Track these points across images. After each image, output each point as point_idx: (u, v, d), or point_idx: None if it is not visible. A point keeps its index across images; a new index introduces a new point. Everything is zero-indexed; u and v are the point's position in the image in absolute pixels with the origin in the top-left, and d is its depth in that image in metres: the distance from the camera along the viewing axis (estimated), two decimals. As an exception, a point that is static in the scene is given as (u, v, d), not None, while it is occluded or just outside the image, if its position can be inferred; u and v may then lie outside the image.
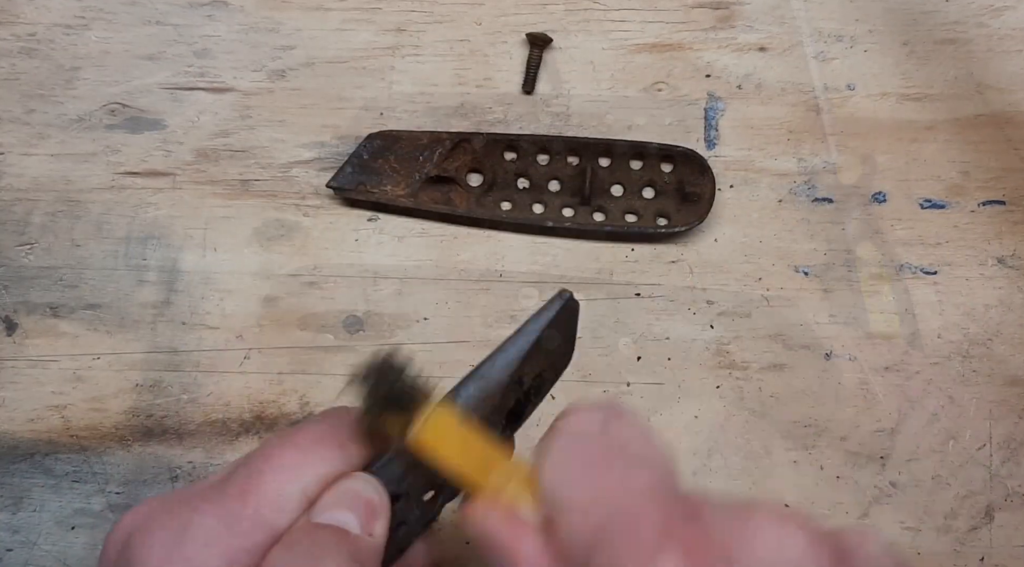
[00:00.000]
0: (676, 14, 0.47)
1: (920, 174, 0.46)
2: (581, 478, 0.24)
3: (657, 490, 0.23)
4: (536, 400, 0.30)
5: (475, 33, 0.47)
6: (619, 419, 0.25)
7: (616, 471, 0.24)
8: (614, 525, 0.22)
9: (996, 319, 0.45)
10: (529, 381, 0.29)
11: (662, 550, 0.21)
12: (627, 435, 0.25)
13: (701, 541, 0.21)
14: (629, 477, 0.23)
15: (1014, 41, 0.47)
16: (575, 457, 0.25)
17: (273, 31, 0.46)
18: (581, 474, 0.24)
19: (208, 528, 0.25)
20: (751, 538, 0.21)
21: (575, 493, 0.24)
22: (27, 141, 0.46)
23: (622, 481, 0.23)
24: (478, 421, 0.28)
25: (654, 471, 0.24)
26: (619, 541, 0.22)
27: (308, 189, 0.46)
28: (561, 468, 0.25)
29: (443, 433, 0.27)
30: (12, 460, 0.44)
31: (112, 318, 0.45)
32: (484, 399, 0.28)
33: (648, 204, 0.45)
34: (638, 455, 0.24)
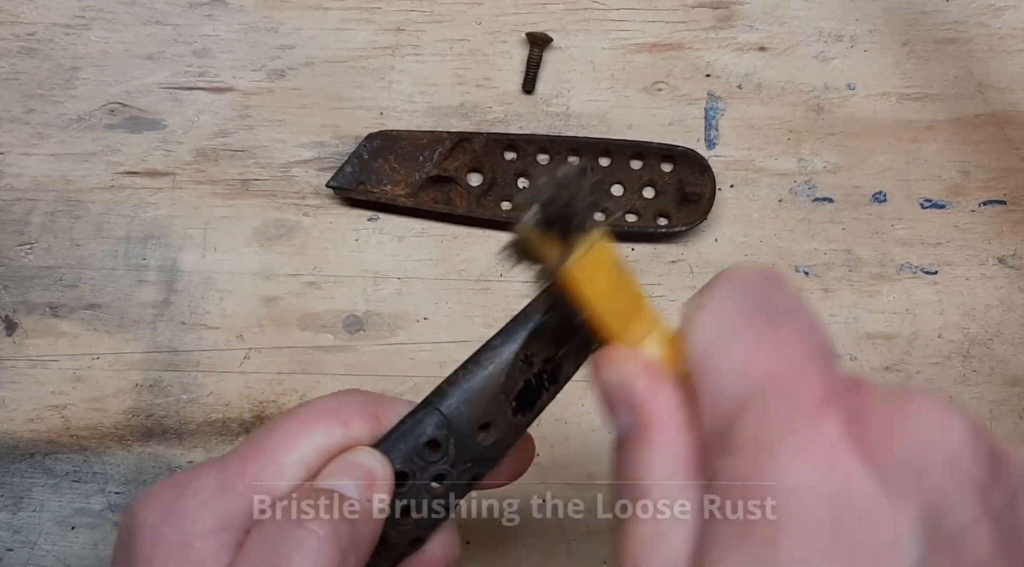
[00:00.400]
0: (676, 14, 0.47)
1: (920, 174, 0.46)
2: (736, 336, 0.22)
3: (817, 358, 0.21)
4: (552, 388, 0.29)
5: (475, 33, 0.47)
6: (781, 284, 0.23)
7: (775, 334, 0.21)
8: (770, 386, 0.20)
9: (996, 319, 0.45)
10: (540, 363, 0.28)
11: (823, 415, 0.20)
12: (789, 301, 0.22)
13: (862, 412, 0.20)
14: (789, 341, 0.21)
15: (1015, 41, 0.47)
16: (731, 314, 0.22)
17: (272, 31, 0.46)
18: (737, 332, 0.22)
19: (204, 489, 0.26)
20: (912, 417, 0.20)
21: (728, 350, 0.21)
22: (27, 141, 0.46)
23: (782, 344, 0.21)
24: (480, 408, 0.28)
25: (815, 340, 0.21)
26: (774, 402, 0.20)
27: (308, 189, 0.46)
28: (714, 324, 0.22)
29: (598, 266, 0.24)
30: (12, 460, 0.44)
31: (112, 318, 0.45)
32: (489, 377, 0.28)
33: (648, 204, 0.45)
34: (800, 322, 0.22)
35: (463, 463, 0.28)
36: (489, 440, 0.28)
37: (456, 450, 0.28)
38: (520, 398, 0.29)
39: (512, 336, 0.28)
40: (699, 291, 0.23)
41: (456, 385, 0.28)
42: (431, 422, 0.28)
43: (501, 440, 0.29)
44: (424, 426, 0.28)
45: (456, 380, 0.28)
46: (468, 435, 0.28)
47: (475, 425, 0.28)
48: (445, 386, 0.28)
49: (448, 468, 0.28)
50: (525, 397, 0.29)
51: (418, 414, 0.28)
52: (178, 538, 0.25)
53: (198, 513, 0.25)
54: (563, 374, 0.29)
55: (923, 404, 0.20)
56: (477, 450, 0.28)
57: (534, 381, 0.29)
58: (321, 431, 0.27)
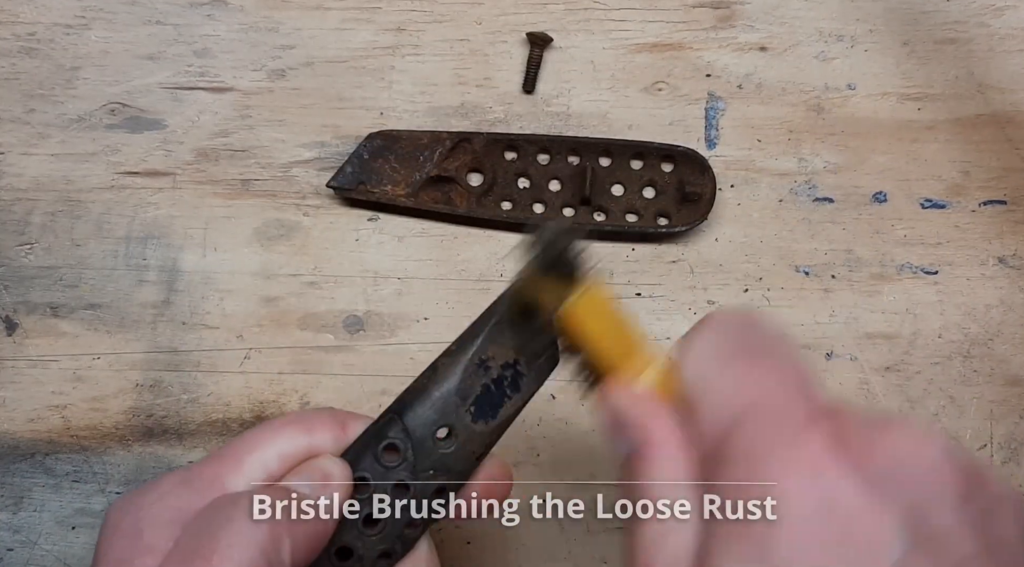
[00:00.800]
0: (677, 14, 0.47)
1: (921, 174, 0.46)
2: (725, 365, 0.24)
3: (800, 387, 0.23)
4: (515, 396, 0.29)
5: (475, 33, 0.47)
6: (762, 321, 0.26)
7: (761, 363, 0.24)
8: (758, 408, 0.23)
9: (997, 319, 0.45)
10: (497, 369, 0.29)
11: (807, 432, 0.22)
12: (771, 335, 0.25)
13: (844, 431, 0.22)
14: (774, 370, 0.24)
15: (1015, 41, 0.47)
16: (719, 347, 0.25)
17: (273, 31, 0.46)
18: (725, 362, 0.24)
19: (165, 484, 0.27)
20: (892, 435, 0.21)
21: (718, 378, 0.24)
22: (27, 141, 0.46)
23: (767, 372, 0.24)
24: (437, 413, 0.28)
25: (796, 371, 0.24)
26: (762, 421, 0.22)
27: (308, 189, 0.46)
28: (705, 355, 0.25)
29: (596, 307, 0.27)
30: (13, 460, 0.44)
31: (112, 318, 0.45)
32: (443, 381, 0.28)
33: (649, 204, 0.45)
34: (782, 353, 0.25)
35: (424, 470, 0.28)
36: (450, 447, 0.29)
37: (416, 456, 0.28)
38: (478, 404, 0.29)
39: (466, 342, 0.29)
40: (687, 332, 0.26)
41: (413, 392, 0.29)
42: (391, 429, 0.28)
43: (463, 448, 0.29)
44: (384, 433, 0.28)
45: (414, 387, 0.29)
46: (427, 441, 0.28)
47: (433, 430, 0.28)
48: (404, 394, 0.29)
49: (409, 475, 0.28)
50: (484, 403, 0.29)
51: (379, 422, 0.29)
52: (131, 527, 0.26)
53: (153, 505, 0.27)
54: (526, 383, 0.29)
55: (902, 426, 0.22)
56: (438, 457, 0.28)
57: (493, 387, 0.29)
58: (285, 438, 0.28)
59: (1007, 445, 0.45)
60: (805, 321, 0.45)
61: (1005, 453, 0.45)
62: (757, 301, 0.45)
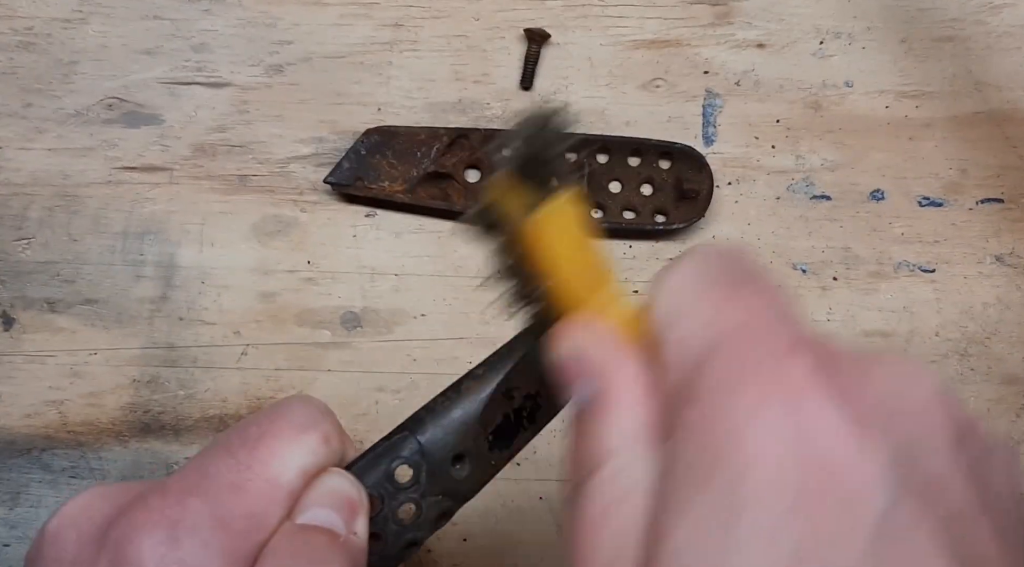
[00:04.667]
0: (674, 10, 0.47)
1: (918, 172, 0.46)
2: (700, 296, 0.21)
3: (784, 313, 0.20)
4: (530, 428, 0.28)
5: (473, 29, 0.46)
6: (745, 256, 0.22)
7: (741, 293, 0.21)
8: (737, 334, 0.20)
9: (994, 317, 0.45)
10: (520, 399, 0.28)
11: (792, 354, 0.19)
12: (753, 269, 0.22)
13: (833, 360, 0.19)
14: (756, 299, 0.20)
15: (1012, 38, 0.47)
16: (696, 279, 0.21)
17: (270, 26, 0.46)
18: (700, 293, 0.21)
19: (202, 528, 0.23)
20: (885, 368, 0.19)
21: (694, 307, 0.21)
22: (24, 135, 0.46)
23: (748, 301, 0.20)
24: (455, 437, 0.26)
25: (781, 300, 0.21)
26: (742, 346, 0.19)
27: (305, 185, 0.46)
28: (680, 288, 0.21)
29: (563, 226, 0.23)
30: (9, 455, 0.44)
31: (109, 313, 0.45)
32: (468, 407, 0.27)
33: (646, 201, 0.45)
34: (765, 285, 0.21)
35: (434, 495, 0.27)
36: (463, 473, 0.27)
37: (428, 480, 0.27)
38: (497, 433, 0.28)
39: (496, 367, 0.27)
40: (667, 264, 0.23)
41: (434, 412, 0.27)
42: (406, 448, 0.27)
43: (474, 475, 0.28)
44: (399, 451, 0.27)
45: (434, 407, 0.27)
46: (442, 465, 0.27)
47: (450, 455, 0.27)
48: (423, 413, 0.27)
49: (418, 498, 0.27)
50: (503, 432, 0.28)
51: (393, 439, 0.27)
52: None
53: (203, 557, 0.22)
54: (542, 415, 0.28)
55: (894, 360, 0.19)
56: (450, 483, 0.27)
57: (513, 417, 0.28)
58: (307, 450, 0.25)
59: (1003, 443, 0.45)
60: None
61: (1001, 451, 0.45)
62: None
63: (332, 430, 0.26)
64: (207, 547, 0.22)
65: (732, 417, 0.18)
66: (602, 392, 0.21)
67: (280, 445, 0.24)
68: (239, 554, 0.23)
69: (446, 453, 0.27)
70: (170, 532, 0.22)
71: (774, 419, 0.18)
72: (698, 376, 0.19)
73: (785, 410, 0.18)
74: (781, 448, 0.17)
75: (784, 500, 0.17)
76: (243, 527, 0.23)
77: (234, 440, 0.24)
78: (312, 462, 0.25)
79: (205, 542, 0.22)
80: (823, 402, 0.18)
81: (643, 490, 0.19)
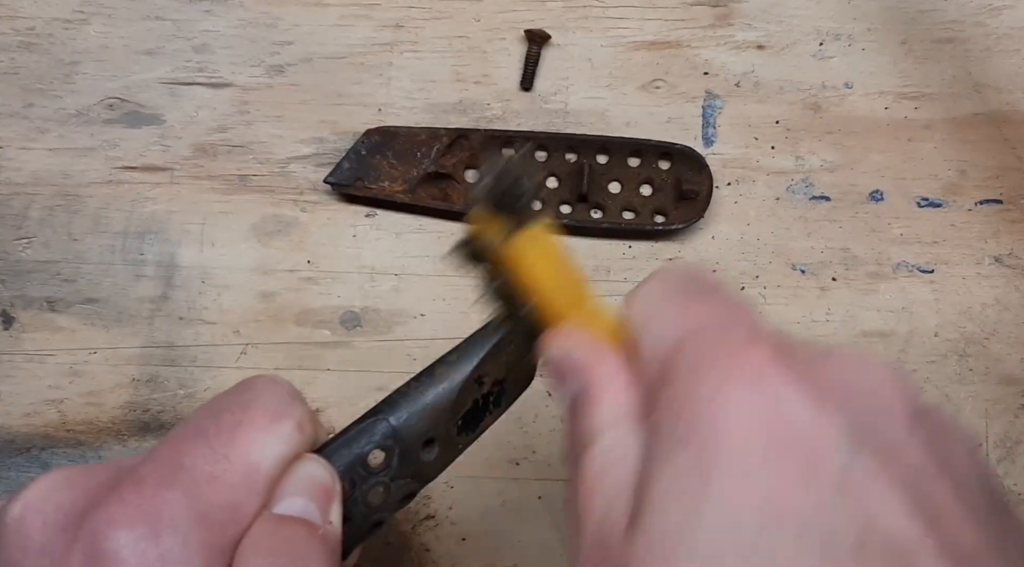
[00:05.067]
0: (675, 11, 0.47)
1: (917, 173, 0.46)
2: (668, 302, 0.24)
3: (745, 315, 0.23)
4: (495, 411, 0.29)
5: (473, 30, 0.47)
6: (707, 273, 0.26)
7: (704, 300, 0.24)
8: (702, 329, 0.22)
9: (993, 318, 0.45)
10: (489, 385, 0.28)
11: (752, 343, 0.21)
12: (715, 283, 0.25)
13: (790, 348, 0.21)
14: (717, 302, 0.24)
15: (1012, 40, 0.47)
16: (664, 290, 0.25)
17: (271, 26, 0.46)
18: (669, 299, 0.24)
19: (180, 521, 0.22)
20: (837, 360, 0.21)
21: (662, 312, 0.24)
22: (25, 135, 0.46)
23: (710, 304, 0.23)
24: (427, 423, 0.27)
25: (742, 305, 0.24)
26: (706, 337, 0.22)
27: (306, 185, 0.46)
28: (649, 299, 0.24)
29: (542, 249, 0.26)
30: (8, 454, 0.44)
31: (109, 313, 0.45)
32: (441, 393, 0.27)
33: (646, 201, 0.45)
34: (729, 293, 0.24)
35: (403, 477, 0.28)
36: (431, 456, 0.28)
37: (399, 464, 0.27)
38: (466, 417, 0.28)
39: (468, 354, 0.28)
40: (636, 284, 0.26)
41: (407, 397, 0.28)
42: (379, 432, 0.27)
43: (440, 458, 0.28)
44: (372, 435, 0.27)
45: (408, 392, 0.28)
46: (412, 449, 0.27)
47: (421, 440, 0.27)
48: (396, 397, 0.28)
49: (388, 481, 0.27)
50: (471, 417, 0.29)
51: (365, 422, 0.27)
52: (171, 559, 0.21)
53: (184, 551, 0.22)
54: (506, 399, 0.29)
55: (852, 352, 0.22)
56: (418, 466, 0.28)
57: (481, 401, 0.29)
58: (282, 438, 0.25)
59: (1002, 444, 0.45)
60: (801, 319, 0.45)
61: (1000, 452, 0.45)
62: (754, 299, 0.45)
63: (304, 416, 0.26)
64: (187, 541, 0.22)
65: (702, 391, 0.20)
66: (588, 384, 0.24)
67: (257, 434, 0.24)
68: (218, 546, 0.22)
69: (418, 438, 0.28)
70: (150, 527, 0.22)
71: (740, 392, 0.20)
72: (671, 364, 0.22)
73: (749, 385, 0.20)
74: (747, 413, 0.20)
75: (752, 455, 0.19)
76: (222, 519, 0.23)
77: (209, 429, 0.24)
78: (288, 449, 0.25)
79: (185, 537, 0.22)
80: (782, 379, 0.20)
81: (631, 456, 0.22)
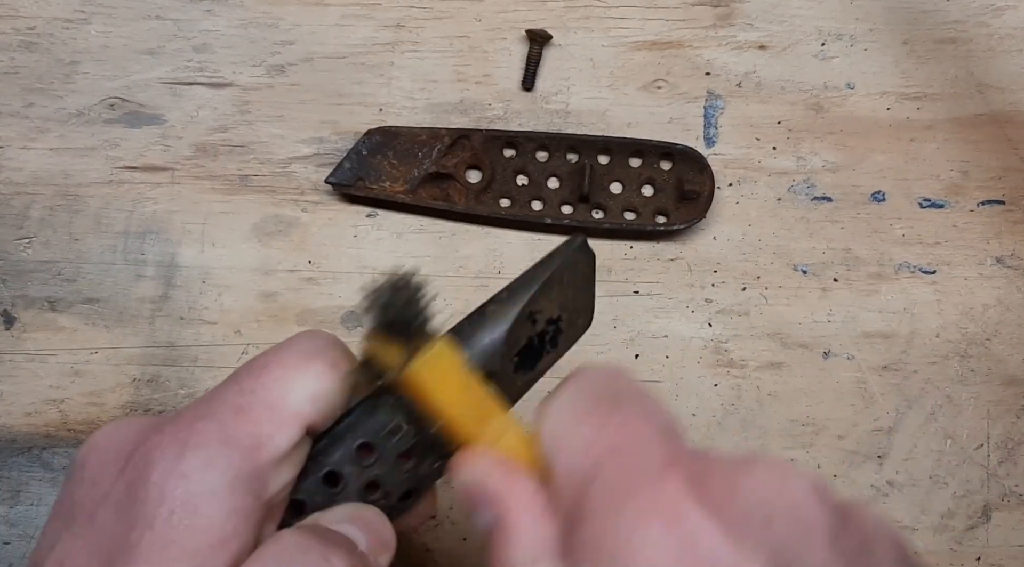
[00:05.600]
0: (676, 11, 0.47)
1: (919, 173, 0.46)
2: (580, 421, 0.23)
3: (662, 432, 0.22)
4: (552, 350, 0.29)
5: (475, 29, 0.47)
6: (624, 377, 0.25)
7: (617, 414, 0.23)
8: (616, 456, 0.22)
9: (994, 319, 0.45)
10: (543, 323, 0.28)
11: (666, 475, 0.20)
12: (631, 389, 0.24)
13: (705, 474, 0.21)
14: (630, 420, 0.23)
15: (1015, 41, 0.47)
16: (575, 404, 0.24)
17: (272, 26, 0.46)
18: (580, 418, 0.23)
19: (208, 444, 0.24)
20: (755, 476, 0.21)
21: (575, 431, 0.23)
22: (26, 135, 0.46)
23: (623, 422, 0.23)
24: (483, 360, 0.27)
25: (656, 418, 0.23)
26: (618, 468, 0.21)
27: (307, 185, 0.46)
28: (563, 412, 0.24)
29: (442, 373, 0.25)
30: (10, 453, 0.44)
31: (110, 312, 0.45)
32: (491, 333, 0.27)
33: (647, 202, 0.45)
34: (640, 405, 0.23)
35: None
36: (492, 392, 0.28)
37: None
38: (522, 355, 0.28)
39: (518, 291, 0.28)
40: (551, 392, 0.25)
41: (461, 334, 0.28)
42: None
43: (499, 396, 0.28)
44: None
45: (461, 329, 0.28)
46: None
47: (479, 375, 0.27)
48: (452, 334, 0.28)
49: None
50: (527, 355, 0.28)
51: None
52: (184, 498, 0.23)
53: (206, 471, 0.23)
54: (563, 339, 0.29)
55: (765, 466, 0.21)
56: None
57: (536, 340, 0.28)
58: (313, 375, 0.26)
59: (1004, 445, 0.45)
60: (803, 320, 0.45)
61: (1002, 453, 0.45)
62: (755, 299, 0.45)
63: (340, 357, 0.27)
64: (211, 462, 0.23)
65: (618, 534, 0.20)
66: (500, 517, 0.23)
67: (284, 371, 0.25)
68: (244, 471, 0.24)
69: (476, 372, 0.27)
70: (178, 450, 0.24)
71: (656, 531, 0.20)
72: (584, 498, 0.21)
73: (666, 523, 0.20)
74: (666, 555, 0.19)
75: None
76: (247, 445, 0.24)
77: (242, 371, 0.26)
78: (321, 387, 0.26)
79: (209, 458, 0.23)
80: (698, 513, 0.20)
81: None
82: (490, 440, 0.25)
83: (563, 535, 0.22)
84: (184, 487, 0.23)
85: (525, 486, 0.23)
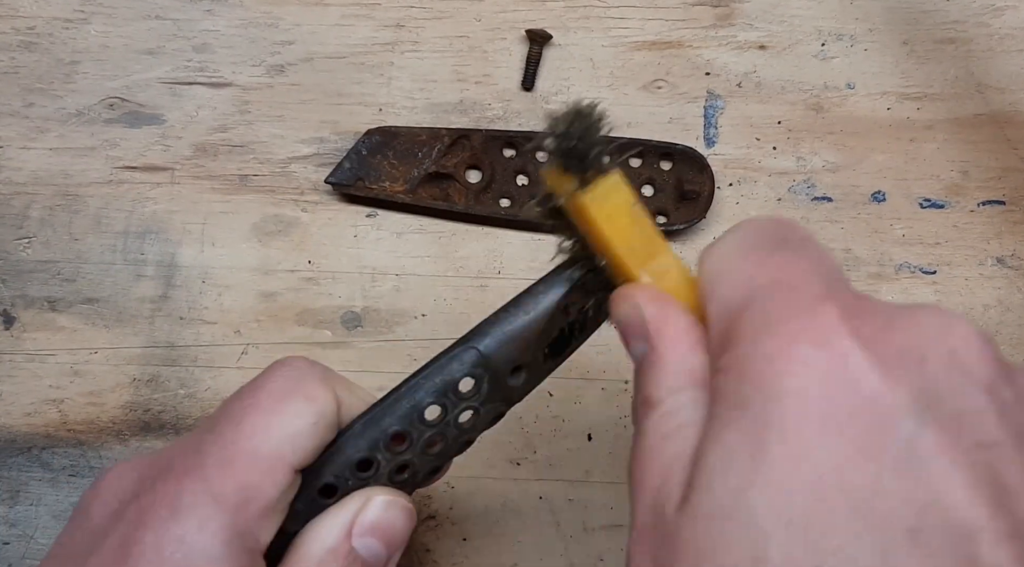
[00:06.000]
0: (676, 11, 0.47)
1: (919, 173, 0.46)
2: (746, 256, 0.23)
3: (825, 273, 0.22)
4: (579, 337, 0.30)
5: (474, 29, 0.47)
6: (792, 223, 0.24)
7: (784, 254, 0.22)
8: (773, 287, 0.21)
9: (995, 319, 0.45)
10: (575, 313, 0.29)
11: (821, 305, 0.20)
12: (802, 234, 0.24)
13: (863, 310, 0.20)
14: (794, 257, 0.22)
15: (1015, 41, 0.47)
16: (744, 243, 0.23)
17: (272, 26, 0.46)
18: (747, 254, 0.23)
19: (200, 506, 0.24)
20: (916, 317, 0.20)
21: (736, 266, 0.23)
22: (26, 135, 0.46)
23: (786, 259, 0.22)
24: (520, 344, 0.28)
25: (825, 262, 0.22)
26: (775, 296, 0.21)
27: (306, 185, 0.46)
28: (726, 251, 0.23)
29: (615, 205, 0.25)
30: (9, 453, 0.44)
31: (110, 312, 0.45)
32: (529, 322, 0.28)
33: (647, 202, 0.45)
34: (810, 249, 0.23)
35: (492, 402, 0.29)
36: (518, 382, 0.29)
37: (488, 389, 0.28)
38: (553, 345, 0.29)
39: (555, 283, 0.28)
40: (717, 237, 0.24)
41: (496, 326, 0.28)
42: (468, 361, 0.28)
43: (528, 383, 0.29)
44: (462, 363, 0.28)
45: (496, 321, 0.28)
46: (502, 376, 0.28)
47: (509, 367, 0.28)
48: (485, 327, 0.28)
49: (477, 405, 0.29)
50: (557, 344, 0.29)
51: (455, 351, 0.29)
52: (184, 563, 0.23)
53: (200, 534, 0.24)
54: (590, 326, 0.30)
55: (930, 310, 0.20)
56: (506, 391, 0.29)
57: (567, 329, 0.29)
58: (291, 415, 0.26)
59: (1004, 445, 0.45)
60: (803, 320, 0.45)
61: (1002, 453, 0.45)
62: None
63: (316, 386, 0.27)
64: (205, 523, 0.24)
65: (765, 354, 0.20)
66: (653, 346, 0.23)
67: (260, 417, 0.26)
68: (238, 526, 0.24)
69: (506, 366, 0.28)
70: (171, 512, 0.24)
71: (804, 354, 0.19)
72: (736, 325, 0.21)
73: (814, 347, 0.19)
74: (810, 378, 0.19)
75: (811, 425, 0.18)
76: (237, 500, 0.25)
77: (221, 419, 0.27)
78: (300, 425, 0.26)
79: (202, 519, 0.24)
80: (851, 342, 0.19)
81: (692, 425, 0.21)
82: (652, 275, 0.25)
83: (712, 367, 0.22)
84: (183, 552, 0.24)
85: (680, 319, 0.23)
